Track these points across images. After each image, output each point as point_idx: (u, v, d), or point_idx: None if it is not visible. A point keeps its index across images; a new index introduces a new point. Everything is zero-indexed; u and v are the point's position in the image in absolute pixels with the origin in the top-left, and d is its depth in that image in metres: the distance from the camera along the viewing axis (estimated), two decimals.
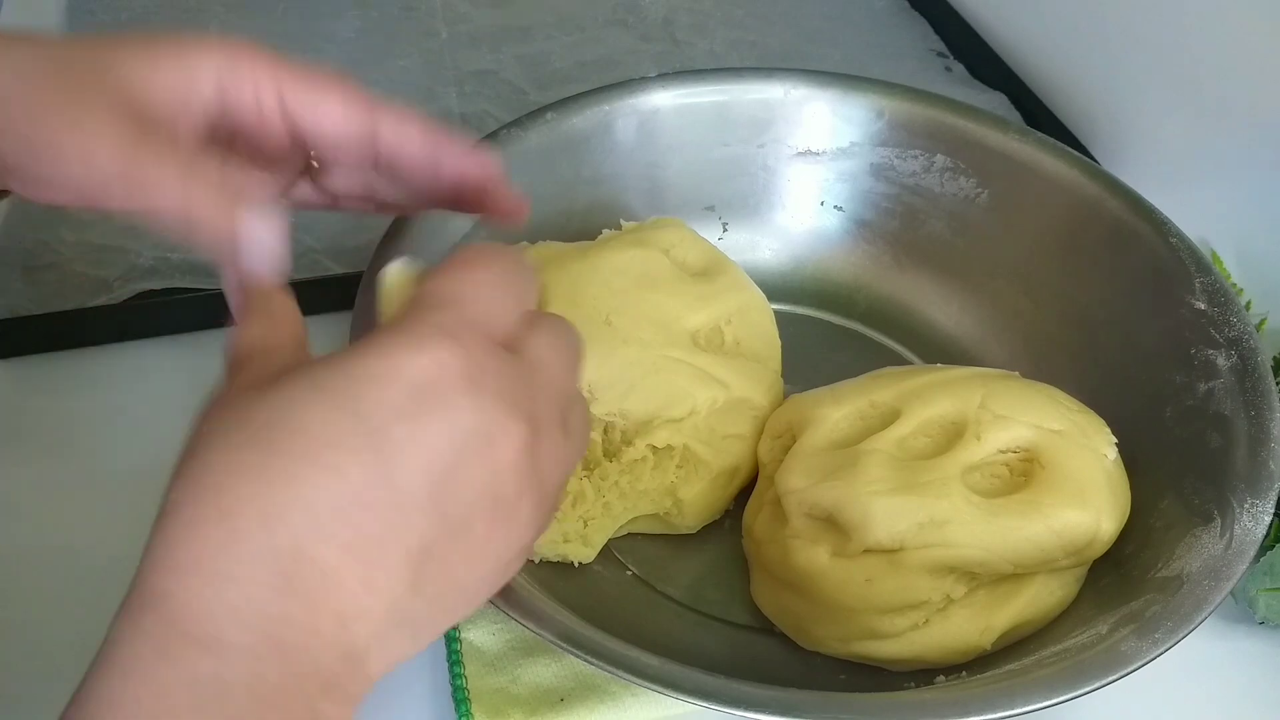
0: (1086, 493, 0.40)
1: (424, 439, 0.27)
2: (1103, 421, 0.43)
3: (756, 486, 0.46)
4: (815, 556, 0.41)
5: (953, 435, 0.42)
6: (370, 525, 0.26)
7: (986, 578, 0.40)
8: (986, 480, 0.41)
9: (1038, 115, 0.72)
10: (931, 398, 0.43)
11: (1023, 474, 0.41)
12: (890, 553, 0.39)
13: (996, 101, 0.74)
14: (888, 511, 0.39)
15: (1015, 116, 0.72)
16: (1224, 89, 0.59)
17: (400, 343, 0.28)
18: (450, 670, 0.43)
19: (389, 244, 0.46)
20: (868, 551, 0.40)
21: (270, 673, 0.25)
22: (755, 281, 0.51)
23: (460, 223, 0.49)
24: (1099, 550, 0.41)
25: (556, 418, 0.31)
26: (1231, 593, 0.37)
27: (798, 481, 0.42)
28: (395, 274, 0.33)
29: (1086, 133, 0.70)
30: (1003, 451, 0.41)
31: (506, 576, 0.31)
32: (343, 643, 0.26)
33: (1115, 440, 0.42)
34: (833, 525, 0.41)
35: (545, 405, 0.30)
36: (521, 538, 0.30)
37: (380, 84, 0.72)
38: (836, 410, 0.44)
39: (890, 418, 0.43)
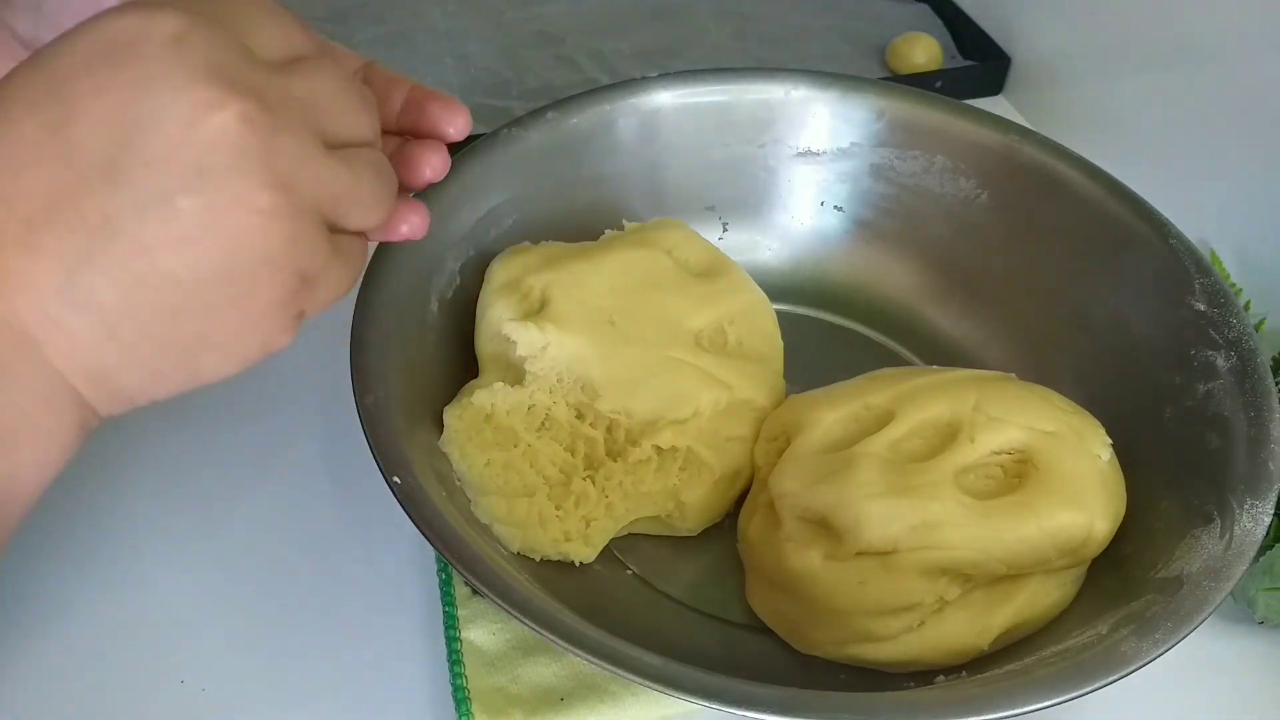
0: (1080, 493, 0.40)
1: (108, 94, 0.24)
2: (1097, 422, 0.43)
3: (751, 490, 0.46)
4: (808, 559, 0.41)
5: (947, 437, 0.42)
6: (38, 181, 0.24)
7: (982, 579, 0.40)
8: (980, 482, 0.41)
9: (958, 24, 0.77)
10: (925, 400, 0.43)
11: (1017, 475, 0.41)
12: (883, 555, 0.39)
13: (920, 12, 0.78)
14: (880, 514, 0.39)
15: (937, 25, 0.76)
16: (1223, 87, 0.59)
17: (116, 8, 0.25)
18: (450, 670, 0.43)
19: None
20: (861, 554, 0.40)
21: None
22: (755, 281, 0.51)
23: (464, 220, 0.49)
24: (1094, 551, 0.41)
25: (308, 128, 0.26)
26: (1231, 593, 0.37)
27: (791, 485, 0.42)
28: None
29: (1005, 39, 0.74)
30: (996, 453, 0.41)
31: (259, 329, 0.27)
32: (3, 314, 0.24)
33: (1110, 441, 0.42)
34: (826, 528, 0.41)
35: (294, 109, 0.26)
36: (266, 244, 0.25)
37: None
38: (830, 413, 0.44)
39: (884, 420, 0.43)
